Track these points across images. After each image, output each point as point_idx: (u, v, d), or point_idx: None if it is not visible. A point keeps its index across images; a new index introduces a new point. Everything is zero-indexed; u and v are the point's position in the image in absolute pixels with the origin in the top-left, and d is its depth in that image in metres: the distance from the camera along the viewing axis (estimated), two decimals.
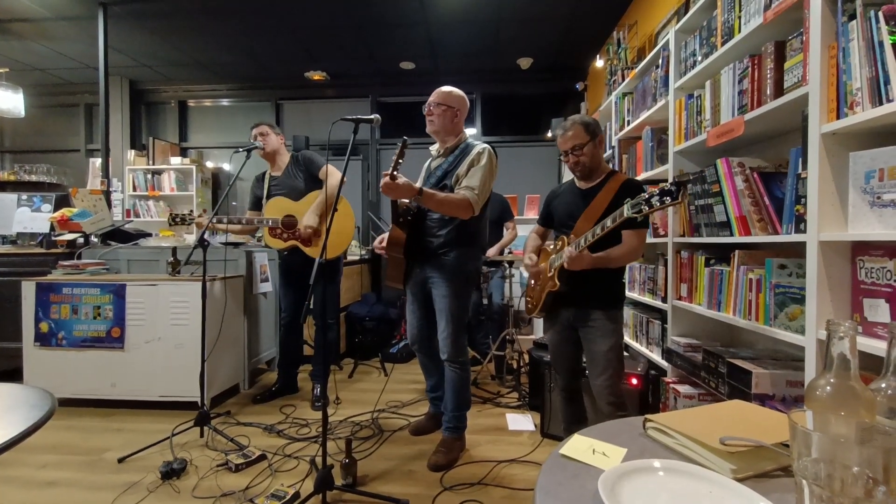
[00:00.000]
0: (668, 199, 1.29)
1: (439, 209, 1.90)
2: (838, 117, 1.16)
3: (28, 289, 2.56)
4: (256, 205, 2.71)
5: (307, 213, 2.52)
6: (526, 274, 4.45)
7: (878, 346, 1.04)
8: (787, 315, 1.37)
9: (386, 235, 2.03)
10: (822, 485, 0.47)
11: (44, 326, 2.55)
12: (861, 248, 1.16)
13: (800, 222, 1.31)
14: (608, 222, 1.48)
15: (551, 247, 1.82)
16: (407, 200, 1.94)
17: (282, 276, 2.76)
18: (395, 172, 1.73)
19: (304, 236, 2.51)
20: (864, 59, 1.08)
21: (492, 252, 3.32)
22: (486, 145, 1.96)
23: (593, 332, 1.67)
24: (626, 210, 1.40)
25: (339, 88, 5.43)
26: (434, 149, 2.11)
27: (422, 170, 2.18)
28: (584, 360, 1.76)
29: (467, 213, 1.88)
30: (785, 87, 1.40)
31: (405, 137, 1.73)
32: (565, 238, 1.69)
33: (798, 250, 1.32)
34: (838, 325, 0.57)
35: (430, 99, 1.99)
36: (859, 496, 0.45)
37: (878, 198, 1.08)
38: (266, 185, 2.67)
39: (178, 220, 2.56)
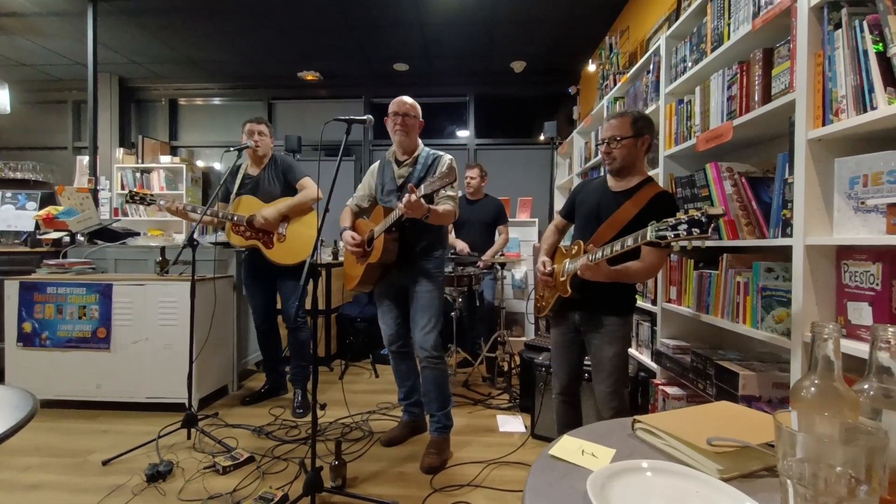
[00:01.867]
0: (696, 231, 1.19)
1: (438, 221, 1.98)
2: (824, 124, 1.19)
3: (11, 288, 2.51)
4: (227, 198, 2.66)
5: (268, 206, 2.50)
6: (518, 276, 4.47)
7: (861, 349, 1.06)
8: (773, 318, 1.39)
9: (354, 234, 2.08)
10: (806, 484, 0.48)
11: (27, 326, 2.50)
12: (845, 252, 1.18)
13: (786, 226, 1.33)
14: (629, 241, 1.39)
15: (566, 249, 1.77)
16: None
17: (246, 276, 2.72)
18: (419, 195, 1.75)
19: (256, 225, 2.49)
20: (849, 68, 1.11)
21: (486, 257, 3.33)
22: (450, 156, 2.08)
23: (600, 338, 1.64)
24: (650, 234, 1.31)
25: (333, 89, 5.42)
26: (391, 154, 2.13)
27: (373, 174, 2.19)
28: (590, 364, 1.74)
29: (453, 219, 2.06)
30: (772, 93, 1.42)
31: (451, 168, 1.78)
32: (581, 244, 1.62)
33: (785, 254, 1.33)
34: (823, 327, 0.58)
35: (399, 109, 2.01)
36: (842, 495, 0.46)
37: (862, 203, 1.10)
38: (238, 181, 2.63)
39: (135, 198, 2.51)
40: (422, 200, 1.77)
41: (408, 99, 2.05)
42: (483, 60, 4.78)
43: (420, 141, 2.11)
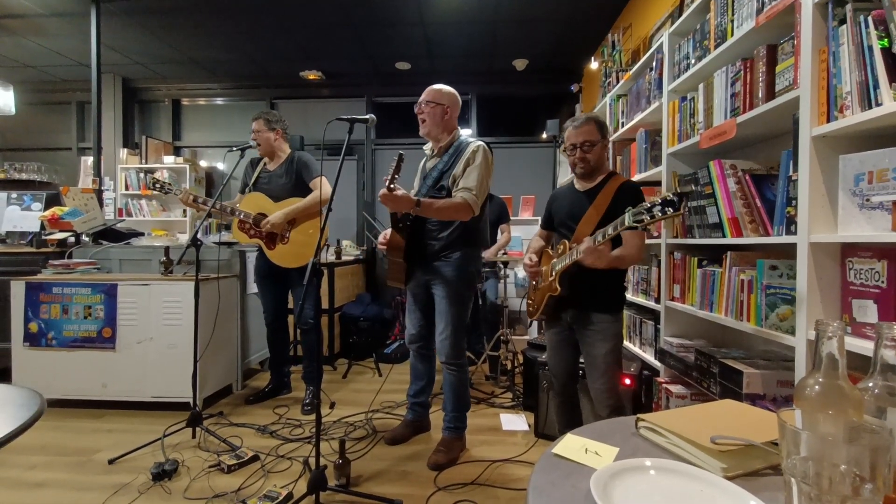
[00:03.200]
0: (669, 210, 1.27)
1: (440, 216, 1.89)
2: (828, 120, 1.18)
3: (17, 288, 2.53)
4: (245, 190, 2.69)
5: (277, 211, 2.50)
6: (521, 275, 4.48)
7: (865, 347, 1.05)
8: (777, 316, 1.39)
9: (388, 232, 2.01)
10: (810, 483, 0.48)
11: (33, 327, 2.52)
12: (850, 250, 1.18)
13: (790, 224, 1.32)
14: (609, 230, 1.45)
15: (552, 251, 1.80)
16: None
17: (257, 274, 2.72)
18: (392, 185, 1.72)
19: (263, 230, 2.49)
20: (853, 64, 1.10)
21: (488, 254, 3.33)
22: (480, 142, 1.96)
23: (593, 336, 1.65)
24: (628, 219, 1.37)
25: (335, 88, 5.42)
26: (428, 148, 2.09)
27: (417, 170, 2.17)
28: (583, 362, 1.75)
29: (467, 215, 1.89)
30: (776, 90, 1.41)
31: (401, 153, 1.73)
32: (566, 243, 1.66)
33: (789, 252, 1.33)
34: (827, 325, 0.58)
35: (421, 98, 1.97)
36: (847, 494, 0.46)
37: (867, 200, 1.09)
38: (255, 175, 2.64)
39: (157, 185, 2.52)
40: (401, 192, 1.72)
41: (436, 85, 1.98)
42: (485, 59, 4.77)
43: (458, 130, 2.04)
